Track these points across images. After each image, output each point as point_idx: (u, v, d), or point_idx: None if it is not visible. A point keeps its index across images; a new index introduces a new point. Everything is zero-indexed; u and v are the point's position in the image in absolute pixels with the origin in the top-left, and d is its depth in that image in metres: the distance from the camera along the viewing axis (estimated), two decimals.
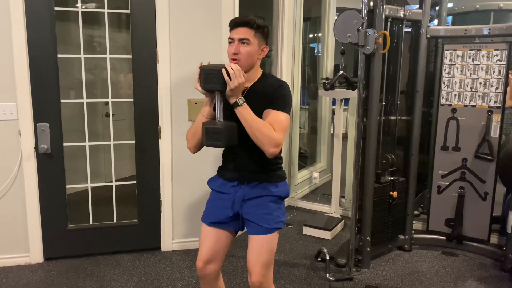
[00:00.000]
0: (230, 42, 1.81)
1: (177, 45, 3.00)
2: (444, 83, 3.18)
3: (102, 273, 2.89)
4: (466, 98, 3.11)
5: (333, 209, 3.94)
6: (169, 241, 3.23)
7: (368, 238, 2.94)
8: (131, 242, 3.19)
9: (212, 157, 2.95)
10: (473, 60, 3.06)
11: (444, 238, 3.29)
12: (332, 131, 4.95)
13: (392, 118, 3.13)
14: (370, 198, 2.94)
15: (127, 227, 3.17)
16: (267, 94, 1.79)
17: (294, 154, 4.43)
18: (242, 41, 1.77)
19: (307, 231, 3.64)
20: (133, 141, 3.08)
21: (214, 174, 2.04)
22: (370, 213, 2.94)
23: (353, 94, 3.76)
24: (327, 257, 2.99)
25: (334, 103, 4.49)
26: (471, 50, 3.06)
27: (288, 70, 4.10)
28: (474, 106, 3.09)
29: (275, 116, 1.75)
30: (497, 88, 3.01)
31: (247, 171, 1.88)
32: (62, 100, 2.89)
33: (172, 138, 3.11)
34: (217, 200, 1.94)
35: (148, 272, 2.92)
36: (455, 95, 3.15)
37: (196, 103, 3.07)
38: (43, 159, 2.90)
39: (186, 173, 3.17)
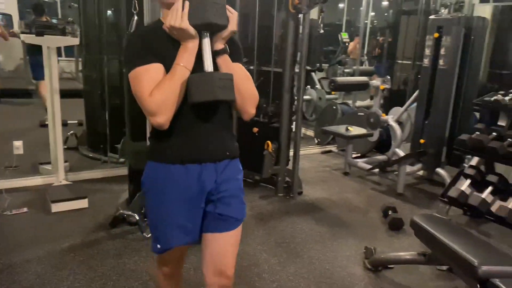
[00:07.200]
0: None
1: None
2: None
3: None
4: None
5: (60, 178, 3.36)
6: None
7: None
8: None
9: None
10: None
11: None
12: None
13: None
14: None
15: None
16: (230, 45, 1.39)
17: None
18: None
19: (57, 207, 3.02)
20: None
21: None
22: None
23: (74, 42, 3.24)
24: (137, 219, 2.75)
25: None
26: None
27: None
28: None
29: (245, 71, 1.44)
30: None
31: (213, 146, 1.40)
32: None
33: None
34: (171, 206, 1.38)
35: None
36: None
37: None
38: None
39: None
